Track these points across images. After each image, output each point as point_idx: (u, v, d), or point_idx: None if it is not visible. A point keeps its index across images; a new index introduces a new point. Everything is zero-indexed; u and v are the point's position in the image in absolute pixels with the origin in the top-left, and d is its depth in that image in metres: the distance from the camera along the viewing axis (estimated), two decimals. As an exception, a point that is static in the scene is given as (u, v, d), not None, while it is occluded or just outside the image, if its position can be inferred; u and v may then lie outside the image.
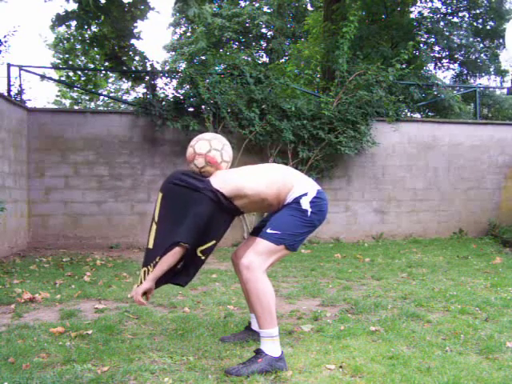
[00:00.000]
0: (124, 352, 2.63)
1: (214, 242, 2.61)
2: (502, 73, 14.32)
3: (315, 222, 2.63)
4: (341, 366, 2.42)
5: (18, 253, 6.79)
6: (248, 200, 2.62)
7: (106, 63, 9.79)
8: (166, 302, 3.85)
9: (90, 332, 2.97)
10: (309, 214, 2.57)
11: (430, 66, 14.94)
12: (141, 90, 13.45)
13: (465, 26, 13.68)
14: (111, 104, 19.27)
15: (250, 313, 2.90)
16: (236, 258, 2.86)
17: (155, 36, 36.31)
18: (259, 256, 2.46)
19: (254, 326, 2.82)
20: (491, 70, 14.25)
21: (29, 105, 7.87)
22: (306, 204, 2.56)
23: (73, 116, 7.83)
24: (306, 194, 2.58)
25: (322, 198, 2.65)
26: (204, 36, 17.44)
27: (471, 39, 13.40)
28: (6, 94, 7.43)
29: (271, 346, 2.39)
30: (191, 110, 7.74)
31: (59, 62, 14.42)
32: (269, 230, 2.52)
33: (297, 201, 2.57)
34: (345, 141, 7.80)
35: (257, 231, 2.73)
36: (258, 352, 2.40)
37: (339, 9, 10.79)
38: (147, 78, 8.68)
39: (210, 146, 2.65)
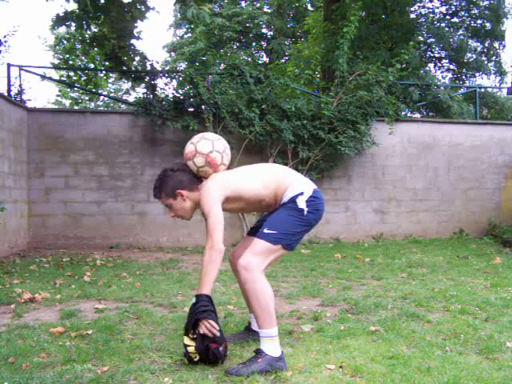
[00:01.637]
0: (124, 352, 2.63)
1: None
2: (502, 73, 14.31)
3: (312, 222, 2.62)
4: (341, 366, 2.42)
5: (18, 253, 6.79)
6: (246, 202, 2.62)
7: (106, 63, 9.80)
8: (166, 302, 3.84)
9: (90, 332, 2.96)
10: (305, 213, 2.56)
11: (430, 66, 14.97)
12: (141, 90, 13.46)
13: (464, 26, 13.68)
14: (111, 104, 19.29)
15: (250, 313, 2.90)
16: (234, 258, 2.85)
17: (155, 36, 36.34)
18: (257, 256, 2.45)
19: (254, 326, 2.82)
20: (491, 70, 14.24)
21: (29, 105, 7.87)
22: (302, 203, 2.56)
23: (73, 116, 7.83)
24: (302, 194, 2.58)
25: (319, 197, 2.65)
26: (203, 36, 17.45)
27: (470, 40, 13.41)
28: (6, 94, 7.43)
29: (271, 346, 2.40)
30: (191, 110, 7.74)
31: (59, 62, 14.43)
32: (266, 230, 2.52)
33: (293, 200, 2.57)
34: (345, 141, 7.80)
35: (254, 231, 2.73)
36: (258, 352, 2.40)
37: (339, 8, 10.79)
38: (147, 78, 8.69)
39: (212, 147, 2.63)
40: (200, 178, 2.68)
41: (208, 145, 2.63)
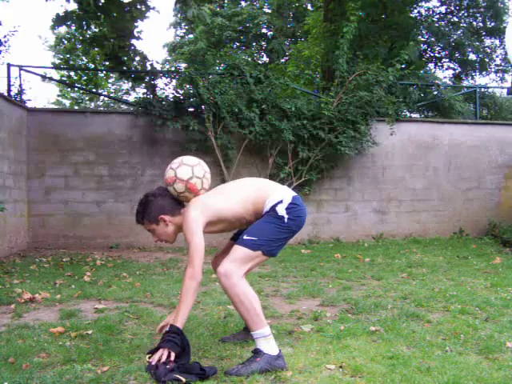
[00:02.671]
0: (124, 352, 2.63)
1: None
2: (505, 70, 14.32)
3: (293, 228, 2.63)
4: (341, 366, 2.42)
5: (18, 253, 6.79)
6: (228, 222, 2.65)
7: (106, 63, 9.79)
8: (166, 302, 3.85)
9: (90, 332, 2.97)
10: (286, 220, 2.57)
11: (431, 66, 14.97)
12: (141, 90, 13.46)
13: (464, 25, 13.69)
14: (111, 104, 19.28)
15: None
16: (216, 265, 2.85)
17: (155, 36, 36.34)
18: (235, 262, 2.46)
19: None
20: (493, 68, 14.25)
21: (29, 105, 7.87)
22: (281, 211, 2.58)
23: (73, 116, 7.83)
24: (281, 202, 2.60)
25: (298, 203, 2.66)
26: (203, 35, 17.43)
27: (470, 38, 13.42)
28: (5, 93, 7.43)
29: (267, 346, 2.41)
30: (191, 109, 7.74)
31: (60, 61, 14.42)
32: (245, 237, 2.53)
33: (273, 209, 2.59)
34: (345, 141, 7.79)
35: (236, 237, 2.74)
36: (257, 352, 2.41)
37: (335, 8, 10.78)
38: (147, 78, 8.68)
39: (192, 173, 2.64)
40: (182, 202, 2.70)
41: (187, 171, 2.64)
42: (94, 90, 12.54)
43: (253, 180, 2.86)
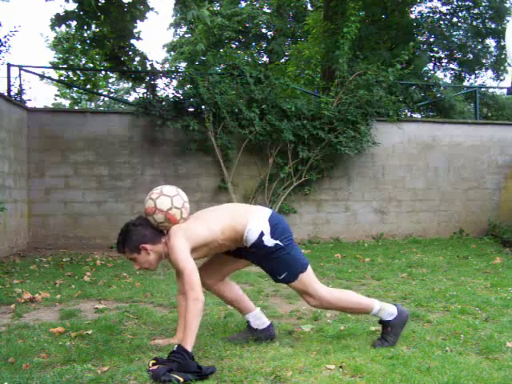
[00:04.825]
0: (124, 352, 2.63)
1: None
2: (502, 70, 14.30)
3: (289, 242, 2.71)
4: (341, 366, 2.42)
5: (18, 253, 6.78)
6: (208, 247, 2.68)
7: (106, 63, 9.78)
8: (166, 302, 3.85)
9: (90, 332, 2.97)
10: (281, 243, 2.66)
11: (429, 66, 14.96)
12: (141, 90, 13.45)
13: (465, 26, 13.68)
14: (112, 104, 19.27)
15: (244, 315, 2.94)
16: (207, 283, 2.85)
17: (155, 36, 36.35)
18: (308, 290, 2.72)
19: (254, 324, 2.86)
20: (493, 67, 14.22)
21: (29, 105, 7.87)
22: (271, 241, 2.64)
23: (73, 116, 7.83)
24: (263, 234, 2.64)
25: (275, 221, 2.71)
26: (203, 35, 17.41)
27: (471, 39, 13.39)
28: (6, 94, 7.43)
29: (386, 313, 2.75)
30: (191, 110, 7.74)
31: (58, 61, 14.41)
32: (279, 277, 2.72)
33: (259, 244, 2.63)
34: (345, 141, 7.79)
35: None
36: (383, 323, 2.77)
37: (337, 6, 10.78)
38: (147, 78, 8.68)
39: (171, 204, 2.66)
40: (162, 230, 2.73)
41: (167, 202, 2.66)
42: (94, 90, 12.51)
43: (227, 207, 2.94)
